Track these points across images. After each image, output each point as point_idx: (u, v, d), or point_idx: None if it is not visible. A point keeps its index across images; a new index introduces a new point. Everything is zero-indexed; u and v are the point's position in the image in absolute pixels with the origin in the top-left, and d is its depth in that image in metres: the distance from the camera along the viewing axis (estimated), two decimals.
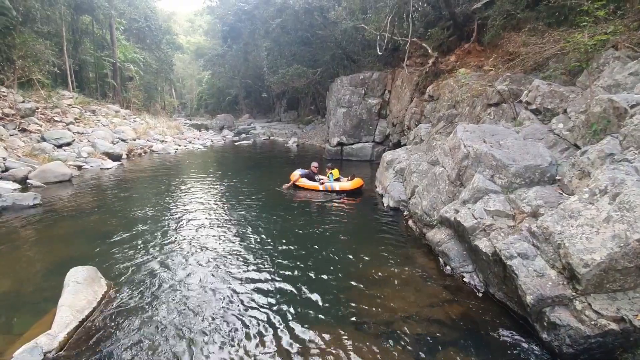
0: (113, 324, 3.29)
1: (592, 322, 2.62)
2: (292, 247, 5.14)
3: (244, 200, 7.76)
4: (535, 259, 3.12)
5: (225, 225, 6.14)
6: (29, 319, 3.36)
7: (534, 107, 5.49)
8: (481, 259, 3.76)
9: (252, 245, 5.22)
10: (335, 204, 7.59)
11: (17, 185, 8.39)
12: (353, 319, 3.39)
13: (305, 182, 8.79)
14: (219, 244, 5.26)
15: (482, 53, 9.91)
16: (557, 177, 4.00)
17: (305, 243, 5.32)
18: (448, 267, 4.34)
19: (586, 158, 3.62)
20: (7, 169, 8.94)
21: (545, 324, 2.89)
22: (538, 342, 2.98)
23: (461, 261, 4.23)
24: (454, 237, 4.46)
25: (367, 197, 8.15)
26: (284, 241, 5.39)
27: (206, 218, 6.49)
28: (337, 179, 8.60)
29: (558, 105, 5.11)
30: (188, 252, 4.92)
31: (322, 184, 8.56)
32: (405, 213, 6.45)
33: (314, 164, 9.16)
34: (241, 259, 4.72)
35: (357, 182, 8.34)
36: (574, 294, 2.78)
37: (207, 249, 5.06)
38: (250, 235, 5.62)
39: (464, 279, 4.07)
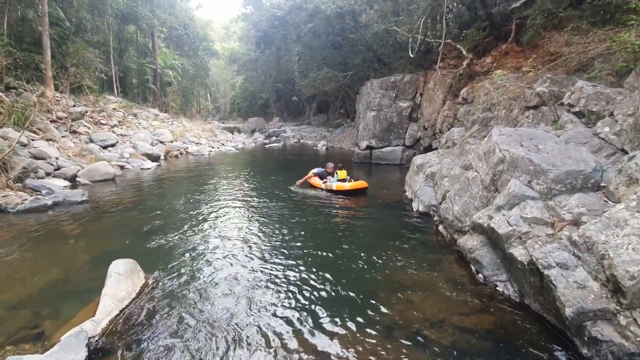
0: (150, 314, 3.48)
1: (638, 339, 2.44)
2: (320, 250, 5.17)
3: (273, 201, 7.92)
4: (576, 269, 2.96)
5: (256, 225, 6.31)
6: (76, 305, 3.62)
7: (576, 109, 5.20)
8: (516, 268, 3.61)
9: (281, 246, 5.32)
10: (364, 208, 7.56)
11: (67, 183, 9.10)
12: (380, 323, 3.35)
13: (316, 181, 9.11)
14: (251, 243, 5.41)
15: (521, 54, 9.51)
16: (602, 184, 3.76)
17: (333, 246, 5.34)
18: (480, 275, 4.20)
19: (634, 164, 3.39)
20: (59, 168, 9.69)
21: (585, 338, 2.73)
22: (577, 357, 2.81)
23: (494, 269, 4.07)
24: (487, 244, 4.30)
25: (396, 201, 8.04)
26: (312, 243, 5.44)
27: (239, 218, 6.70)
28: (343, 180, 8.66)
29: (604, 108, 4.81)
30: (221, 249, 5.10)
31: (324, 182, 8.76)
32: (435, 218, 6.31)
33: (329, 165, 9.38)
34: (271, 260, 4.82)
35: (357, 184, 8.31)
36: (618, 308, 2.61)
37: (239, 247, 5.21)
38: (280, 236, 5.73)
39: (497, 288, 3.92)
